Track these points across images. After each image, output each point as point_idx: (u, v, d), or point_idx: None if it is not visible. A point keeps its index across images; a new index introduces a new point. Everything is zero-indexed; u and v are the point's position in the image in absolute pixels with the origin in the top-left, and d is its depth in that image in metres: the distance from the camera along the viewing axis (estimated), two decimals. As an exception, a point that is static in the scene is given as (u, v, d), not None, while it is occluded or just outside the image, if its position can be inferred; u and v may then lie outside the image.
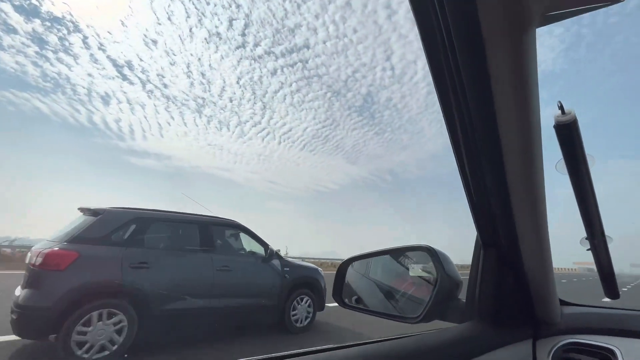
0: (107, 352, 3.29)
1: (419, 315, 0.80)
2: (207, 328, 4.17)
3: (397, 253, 1.09)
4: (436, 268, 0.83)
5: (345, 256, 1.22)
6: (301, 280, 5.14)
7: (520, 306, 0.85)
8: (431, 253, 0.85)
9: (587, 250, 0.79)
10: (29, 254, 3.55)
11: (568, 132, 0.57)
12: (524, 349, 0.84)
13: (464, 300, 0.84)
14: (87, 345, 3.20)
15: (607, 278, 0.82)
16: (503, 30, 0.41)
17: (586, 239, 0.78)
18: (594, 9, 0.38)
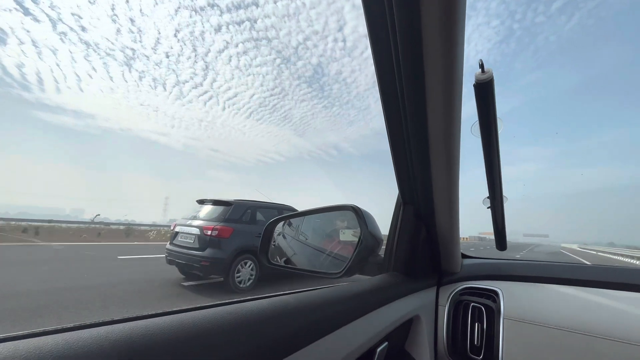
0: (249, 283, 5.77)
1: (341, 271, 0.83)
2: (291, 274, 6.77)
3: (324, 212, 1.11)
4: (360, 226, 0.85)
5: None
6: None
7: (429, 259, 0.97)
8: (356, 212, 0.88)
9: (488, 208, 0.90)
10: (195, 229, 5.74)
11: (486, 91, 0.60)
12: (429, 295, 0.95)
13: (383, 256, 0.92)
14: (242, 280, 5.65)
15: (499, 232, 0.96)
16: None
17: (488, 197, 0.87)
18: None
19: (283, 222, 1.20)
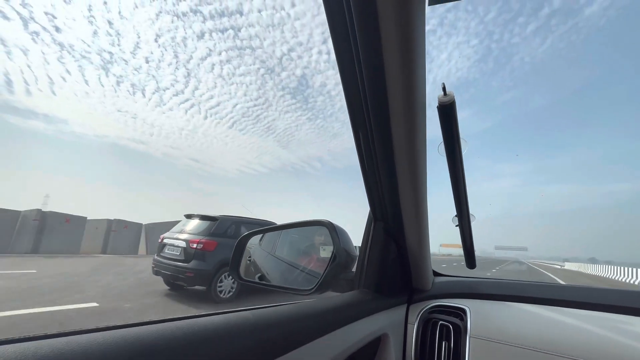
0: (230, 294, 6.16)
1: (313, 287, 0.82)
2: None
3: (298, 227, 1.09)
4: (333, 242, 0.84)
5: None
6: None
7: (400, 276, 0.96)
8: (330, 228, 0.87)
9: (456, 226, 0.91)
10: (181, 242, 6.13)
11: (448, 112, 0.63)
12: (399, 312, 0.94)
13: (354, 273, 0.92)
14: (223, 291, 6.05)
15: (468, 251, 0.96)
16: (395, 5, 0.44)
17: (456, 216, 0.88)
18: None
19: (255, 236, 1.17)
